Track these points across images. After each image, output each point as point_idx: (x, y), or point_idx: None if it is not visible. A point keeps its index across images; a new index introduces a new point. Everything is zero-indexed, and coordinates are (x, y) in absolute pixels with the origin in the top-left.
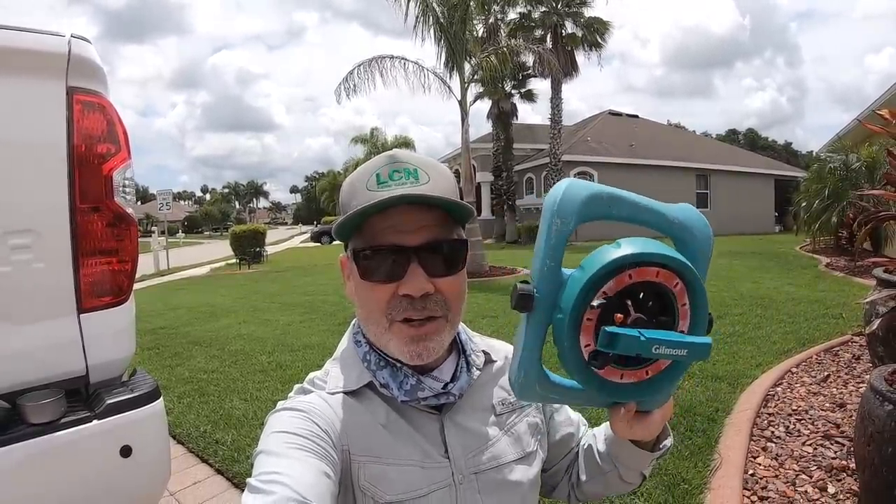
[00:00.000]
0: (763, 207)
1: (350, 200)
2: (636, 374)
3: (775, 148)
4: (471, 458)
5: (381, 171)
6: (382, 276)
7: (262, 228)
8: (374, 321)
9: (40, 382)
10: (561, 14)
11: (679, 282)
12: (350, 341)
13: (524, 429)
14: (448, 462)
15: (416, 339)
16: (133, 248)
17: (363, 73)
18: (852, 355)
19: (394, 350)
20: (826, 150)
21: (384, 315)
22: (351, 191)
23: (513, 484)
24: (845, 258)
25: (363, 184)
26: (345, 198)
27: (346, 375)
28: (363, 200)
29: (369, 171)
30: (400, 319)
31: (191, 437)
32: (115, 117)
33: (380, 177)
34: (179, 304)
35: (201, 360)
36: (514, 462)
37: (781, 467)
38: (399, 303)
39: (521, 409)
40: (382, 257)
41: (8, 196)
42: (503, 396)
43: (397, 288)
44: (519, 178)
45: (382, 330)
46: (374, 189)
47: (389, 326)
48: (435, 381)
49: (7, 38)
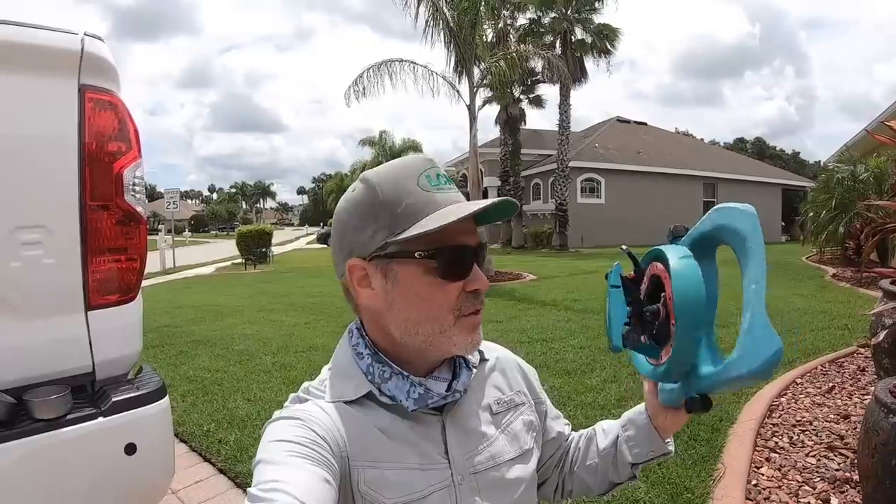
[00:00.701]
0: (770, 217)
1: (401, 198)
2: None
3: (783, 157)
4: (470, 458)
5: (428, 171)
6: (461, 274)
7: (268, 229)
8: (436, 319)
9: (46, 378)
10: (570, 20)
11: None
12: (348, 353)
13: (520, 427)
14: (447, 463)
15: (475, 326)
16: (142, 246)
17: (373, 76)
18: (857, 367)
19: (456, 344)
20: (834, 160)
21: (451, 312)
22: (399, 187)
23: (511, 482)
24: (852, 269)
25: (412, 182)
26: (390, 194)
27: (344, 385)
28: (420, 199)
29: (413, 170)
30: (468, 313)
31: (194, 436)
32: (127, 116)
33: (430, 178)
34: (185, 303)
35: (206, 359)
36: (511, 460)
37: (785, 478)
38: (466, 298)
39: (517, 407)
40: (462, 257)
41: (19, 191)
42: (498, 395)
43: (464, 285)
44: (526, 184)
45: (447, 326)
46: (430, 189)
47: (455, 322)
48: (438, 381)
49: (21, 34)
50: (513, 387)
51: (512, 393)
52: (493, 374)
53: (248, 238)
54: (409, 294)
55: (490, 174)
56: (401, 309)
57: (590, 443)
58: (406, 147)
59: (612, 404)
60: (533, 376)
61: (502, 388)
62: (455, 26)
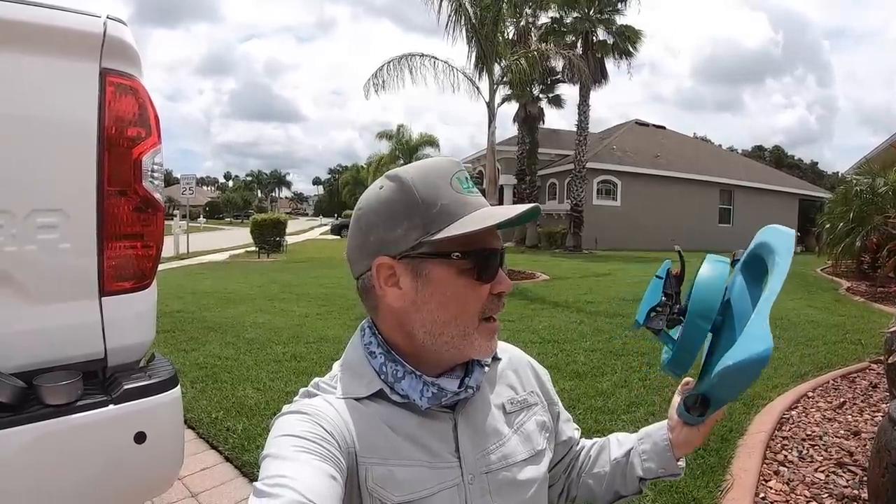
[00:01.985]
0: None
1: (437, 198)
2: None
3: (801, 167)
4: (481, 457)
5: (458, 174)
6: (491, 276)
7: (282, 218)
8: (463, 321)
9: (58, 363)
10: (593, 21)
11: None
12: (361, 351)
13: (533, 427)
14: (458, 461)
15: (494, 332)
16: (158, 233)
17: (392, 69)
18: (869, 383)
19: (476, 348)
20: (853, 172)
21: (479, 314)
22: (433, 188)
23: (522, 483)
24: (866, 283)
25: (445, 183)
26: (426, 193)
27: (355, 382)
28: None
29: (445, 172)
30: (490, 317)
31: (202, 423)
32: (148, 101)
33: (461, 180)
34: (197, 289)
35: (216, 346)
36: (523, 461)
37: (793, 492)
38: (492, 300)
39: (530, 407)
40: (492, 259)
41: (37, 174)
42: (511, 395)
43: (492, 287)
44: (542, 183)
45: (471, 329)
46: (462, 192)
47: (478, 326)
48: (450, 379)
49: (43, 16)
50: (526, 387)
51: (525, 393)
52: (506, 372)
53: (262, 226)
54: (440, 294)
55: (506, 172)
56: (429, 310)
57: (601, 451)
58: (423, 142)
59: (622, 409)
60: (546, 377)
61: (515, 388)
62: (477, 22)
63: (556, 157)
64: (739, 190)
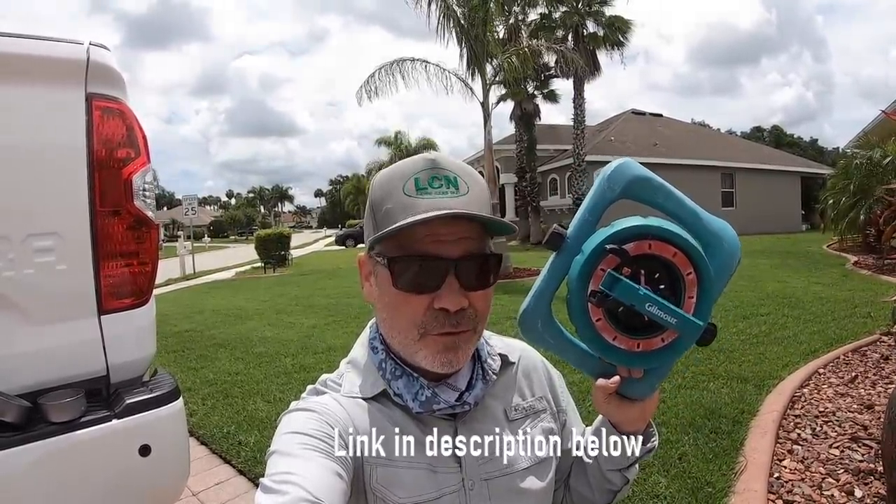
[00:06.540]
0: (789, 206)
1: (384, 201)
2: (627, 342)
3: (801, 145)
4: (482, 464)
5: (420, 175)
6: (420, 287)
7: (286, 232)
8: (402, 330)
9: (62, 382)
10: (582, 14)
11: (692, 272)
12: (366, 346)
13: (539, 435)
14: (458, 467)
15: (449, 346)
16: (153, 250)
17: (384, 75)
18: (881, 355)
19: (422, 360)
20: (852, 145)
21: (416, 327)
22: (386, 190)
23: (524, 491)
24: (873, 256)
25: (400, 186)
26: (377, 195)
27: (362, 381)
28: (399, 204)
29: (407, 174)
30: (435, 333)
31: (214, 439)
32: (135, 122)
33: (419, 182)
34: (205, 308)
35: (226, 362)
36: (526, 469)
37: (808, 470)
38: (435, 316)
39: (537, 413)
40: (421, 267)
41: (31, 199)
42: (518, 401)
43: (432, 300)
44: (543, 180)
45: (412, 341)
46: (413, 195)
47: (420, 338)
48: (450, 389)
49: (28, 46)
50: (535, 392)
51: (533, 399)
52: (517, 377)
53: (266, 242)
54: (381, 299)
55: (506, 171)
56: (380, 311)
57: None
58: (421, 146)
59: None
60: (558, 381)
61: (524, 394)
62: (466, 24)
63: (556, 152)
64: (741, 172)
